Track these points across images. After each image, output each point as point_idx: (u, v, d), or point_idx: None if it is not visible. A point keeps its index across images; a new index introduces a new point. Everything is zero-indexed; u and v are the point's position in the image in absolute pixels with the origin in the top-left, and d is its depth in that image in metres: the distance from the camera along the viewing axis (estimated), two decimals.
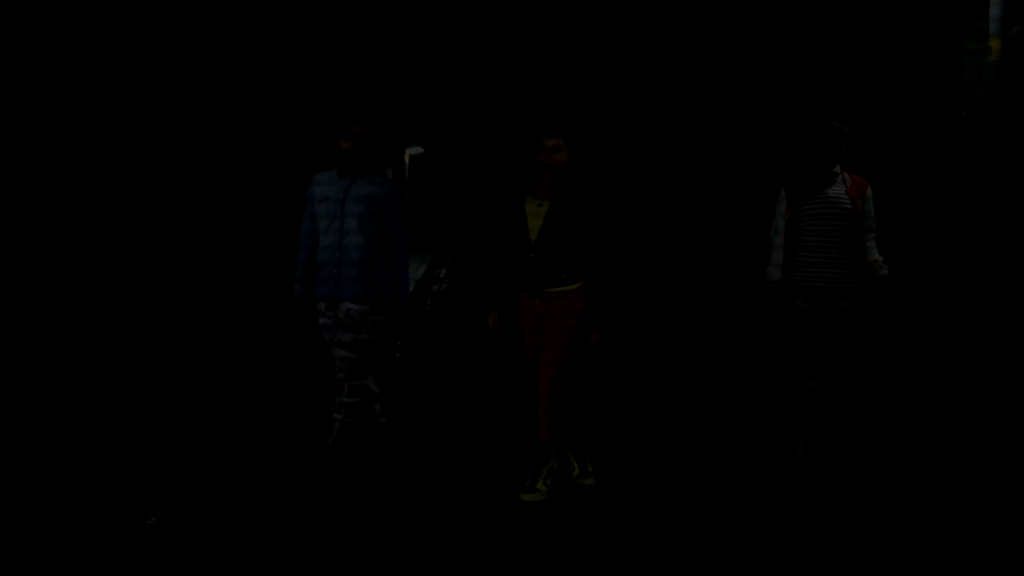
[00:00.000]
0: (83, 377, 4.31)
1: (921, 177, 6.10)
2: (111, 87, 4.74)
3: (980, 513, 3.36)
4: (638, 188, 11.29)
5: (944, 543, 3.07)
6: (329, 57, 10.12)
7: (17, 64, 3.90)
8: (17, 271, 3.93)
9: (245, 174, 6.67)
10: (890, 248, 3.98)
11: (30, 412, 3.89)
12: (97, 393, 4.37)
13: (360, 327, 3.66)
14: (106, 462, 3.86)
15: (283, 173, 6.68)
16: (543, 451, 3.61)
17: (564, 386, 3.57)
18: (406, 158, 20.35)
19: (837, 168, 3.95)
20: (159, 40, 5.23)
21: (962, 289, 5.34)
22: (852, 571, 2.87)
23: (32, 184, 4.05)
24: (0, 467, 3.62)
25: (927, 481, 3.73)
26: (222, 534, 3.21)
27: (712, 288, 9.77)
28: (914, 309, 6.00)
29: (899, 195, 5.81)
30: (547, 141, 3.58)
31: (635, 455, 4.20)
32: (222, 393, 5.18)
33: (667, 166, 12.83)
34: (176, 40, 5.48)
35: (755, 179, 9.25)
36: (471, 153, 28.41)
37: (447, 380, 5.99)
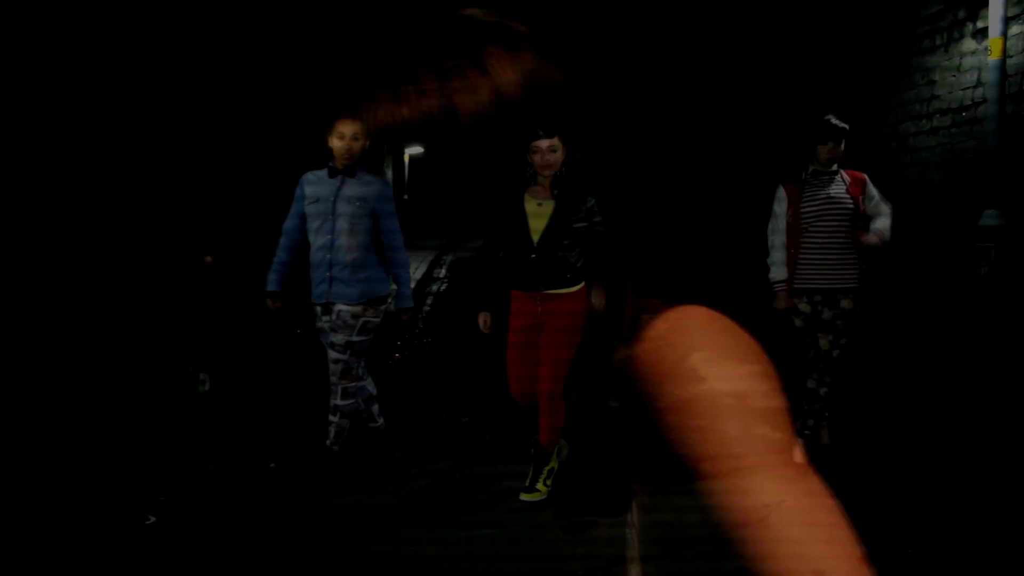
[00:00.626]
0: (82, 376, 4.31)
1: (920, 176, 6.10)
2: (105, 85, 4.73)
3: (980, 513, 3.36)
4: (636, 188, 11.31)
5: (944, 543, 3.07)
6: (327, 55, 10.12)
7: (11, 63, 3.90)
8: (15, 271, 3.92)
9: (244, 171, 6.67)
10: (890, 248, 3.94)
11: (30, 412, 3.89)
12: (96, 393, 4.36)
13: (352, 329, 3.58)
14: (106, 462, 3.85)
15: (282, 170, 6.68)
16: (542, 451, 3.59)
17: (562, 386, 3.55)
18: (406, 158, 20.33)
19: (835, 167, 3.89)
20: (152, 37, 5.22)
21: (962, 289, 5.33)
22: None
23: (27, 184, 4.04)
24: (0, 467, 3.62)
25: (927, 480, 3.73)
26: (222, 534, 3.21)
27: (712, 287, 9.75)
28: (915, 309, 6.00)
29: (899, 195, 5.80)
30: (541, 142, 3.46)
31: (637, 454, 4.19)
32: (222, 393, 5.17)
33: (665, 166, 12.83)
34: (168, 37, 5.48)
35: (753, 178, 9.24)
36: (471, 153, 28.41)
37: (447, 380, 5.99)
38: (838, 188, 3.84)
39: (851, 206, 3.81)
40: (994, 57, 4.68)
